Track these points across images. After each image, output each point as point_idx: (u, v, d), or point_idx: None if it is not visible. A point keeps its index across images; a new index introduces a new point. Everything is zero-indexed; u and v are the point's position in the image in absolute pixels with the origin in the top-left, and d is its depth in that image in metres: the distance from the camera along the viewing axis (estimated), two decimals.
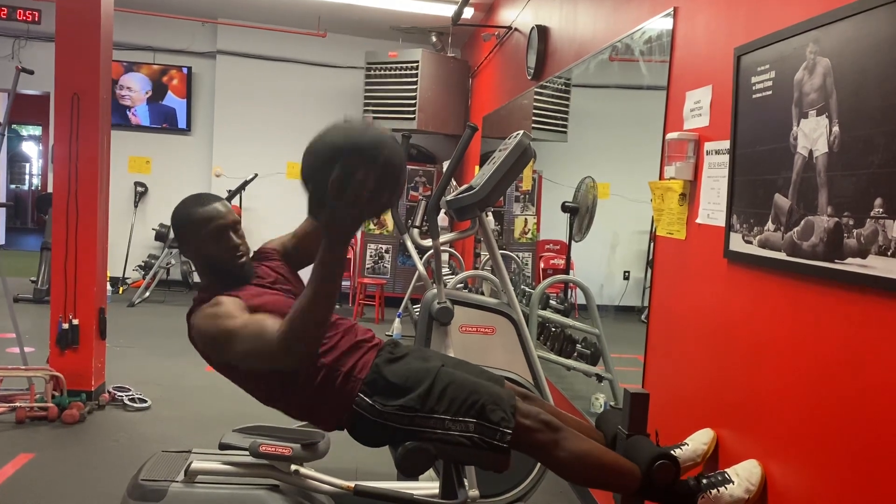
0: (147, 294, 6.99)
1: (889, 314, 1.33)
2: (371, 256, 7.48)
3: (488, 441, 1.70)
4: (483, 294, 4.42)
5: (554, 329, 3.68)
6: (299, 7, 6.77)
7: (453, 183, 3.37)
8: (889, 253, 1.31)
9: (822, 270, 1.50)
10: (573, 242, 3.78)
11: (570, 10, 3.79)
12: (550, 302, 3.84)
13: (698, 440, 1.93)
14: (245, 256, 1.93)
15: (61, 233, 3.80)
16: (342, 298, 7.31)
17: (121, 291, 7.31)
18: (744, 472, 1.72)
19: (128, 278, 7.53)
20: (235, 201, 7.00)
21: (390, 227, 7.46)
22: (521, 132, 2.27)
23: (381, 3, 6.20)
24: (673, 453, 1.85)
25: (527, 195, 4.87)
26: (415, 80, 6.70)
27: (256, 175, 7.04)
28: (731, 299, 1.90)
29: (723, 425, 1.92)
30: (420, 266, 2.65)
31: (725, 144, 1.93)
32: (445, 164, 5.40)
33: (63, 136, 3.78)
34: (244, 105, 7.74)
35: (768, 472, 1.69)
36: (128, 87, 7.68)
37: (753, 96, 1.79)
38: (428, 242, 2.46)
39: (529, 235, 4.81)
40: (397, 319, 5.70)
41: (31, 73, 4.02)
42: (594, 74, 3.41)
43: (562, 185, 4.03)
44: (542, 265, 4.31)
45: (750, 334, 1.80)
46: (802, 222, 1.56)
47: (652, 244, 2.48)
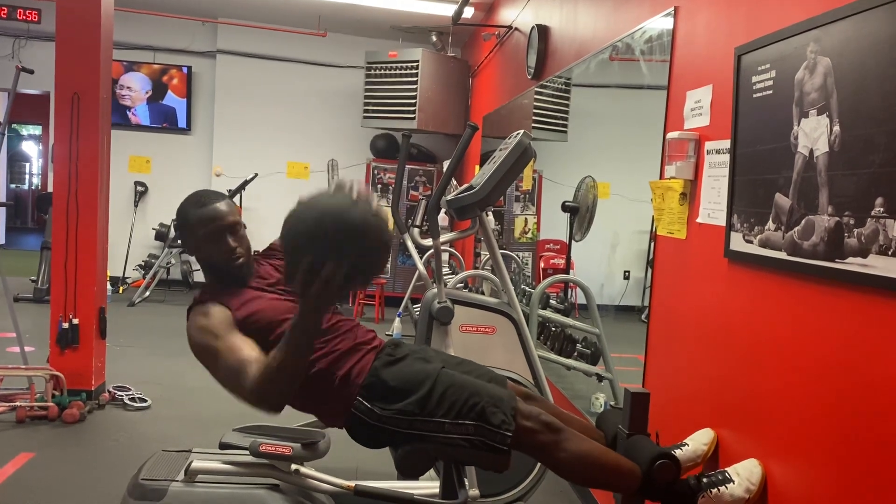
0: (147, 294, 7.00)
1: (890, 313, 1.33)
2: None
3: (489, 443, 1.70)
4: (483, 293, 4.42)
5: (554, 329, 3.68)
6: (299, 7, 6.76)
7: (453, 182, 3.38)
8: (890, 252, 1.31)
9: (822, 270, 1.50)
10: (573, 242, 3.78)
11: (570, 10, 3.79)
12: (551, 301, 3.83)
13: (698, 441, 1.93)
14: (243, 258, 1.90)
15: (61, 232, 3.80)
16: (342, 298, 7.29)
17: (121, 291, 7.31)
18: (744, 471, 1.71)
19: (128, 278, 7.53)
20: (235, 201, 6.99)
21: (390, 226, 7.44)
22: (522, 132, 2.26)
23: (382, 2, 6.20)
24: (673, 453, 1.85)
25: (527, 195, 4.86)
26: (415, 80, 6.70)
27: (256, 175, 7.04)
28: (732, 299, 1.90)
29: (723, 425, 1.92)
30: (420, 265, 2.64)
31: (726, 144, 1.93)
32: (445, 164, 5.41)
33: (63, 136, 3.78)
34: (244, 105, 7.74)
35: (768, 471, 1.69)
36: (128, 86, 7.68)
37: (754, 96, 1.78)
38: (428, 242, 2.45)
39: (529, 235, 4.81)
40: (397, 319, 5.69)
41: (32, 72, 4.01)
42: (594, 74, 3.41)
43: (562, 184, 4.03)
44: (542, 265, 4.30)
45: (750, 334, 1.80)
46: (803, 222, 1.56)
47: (652, 244, 2.48)
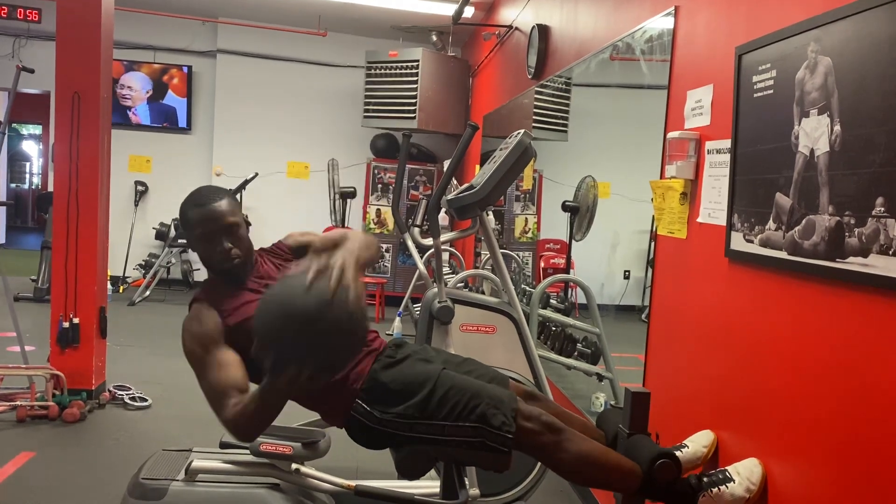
0: (147, 293, 6.99)
1: (890, 313, 1.33)
2: None
3: (489, 445, 1.70)
4: (484, 293, 4.42)
5: (554, 328, 3.68)
6: (300, 6, 6.76)
7: (454, 182, 3.38)
8: (890, 252, 1.31)
9: (823, 269, 1.50)
10: (573, 242, 3.78)
11: (570, 9, 3.79)
12: (551, 301, 3.84)
13: (698, 442, 1.93)
14: (239, 259, 1.87)
15: (62, 232, 3.80)
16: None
17: (121, 290, 7.31)
18: (745, 470, 1.71)
19: (128, 277, 7.53)
20: None
21: (390, 226, 7.45)
22: (522, 131, 2.26)
23: (382, 2, 6.20)
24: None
25: (527, 194, 4.86)
26: (415, 80, 6.70)
27: (257, 174, 7.03)
28: (732, 299, 1.89)
29: (723, 424, 1.92)
30: (420, 265, 2.64)
31: (726, 143, 1.93)
32: (446, 164, 5.40)
33: (63, 135, 3.77)
34: (244, 104, 7.74)
35: (769, 471, 1.69)
36: (128, 86, 7.68)
37: (755, 95, 1.78)
38: (429, 241, 2.46)
39: (530, 234, 4.81)
40: (398, 318, 5.70)
41: (32, 71, 4.01)
42: (595, 73, 3.41)
43: (562, 184, 4.03)
44: (542, 264, 4.30)
45: (751, 333, 1.80)
46: (804, 221, 1.56)
47: (652, 243, 2.48)
